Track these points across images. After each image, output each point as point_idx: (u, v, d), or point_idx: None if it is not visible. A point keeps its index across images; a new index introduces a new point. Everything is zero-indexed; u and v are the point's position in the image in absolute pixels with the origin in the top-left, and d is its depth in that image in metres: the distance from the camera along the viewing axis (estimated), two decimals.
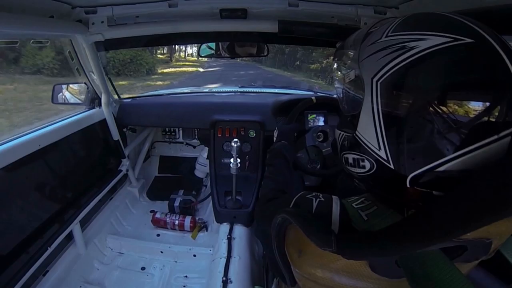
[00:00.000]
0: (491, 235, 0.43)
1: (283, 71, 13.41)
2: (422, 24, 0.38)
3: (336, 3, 1.14)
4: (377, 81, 0.38)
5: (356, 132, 0.42)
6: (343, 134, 0.48)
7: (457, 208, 0.31)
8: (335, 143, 0.53)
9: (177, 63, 15.45)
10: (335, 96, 0.60)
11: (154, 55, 13.58)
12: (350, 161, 0.46)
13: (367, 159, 0.41)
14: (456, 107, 0.33)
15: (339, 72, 0.49)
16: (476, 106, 0.33)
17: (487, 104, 0.33)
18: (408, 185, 0.38)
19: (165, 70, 12.68)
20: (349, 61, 0.44)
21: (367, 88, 0.39)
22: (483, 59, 0.34)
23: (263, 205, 0.71)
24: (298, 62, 13.80)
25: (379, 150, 0.39)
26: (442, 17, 0.39)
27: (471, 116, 0.33)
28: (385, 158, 0.38)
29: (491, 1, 0.67)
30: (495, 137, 0.32)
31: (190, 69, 13.57)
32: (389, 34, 0.39)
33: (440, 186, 0.36)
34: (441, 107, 0.33)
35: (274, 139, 1.01)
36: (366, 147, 0.41)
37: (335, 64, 0.51)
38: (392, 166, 0.38)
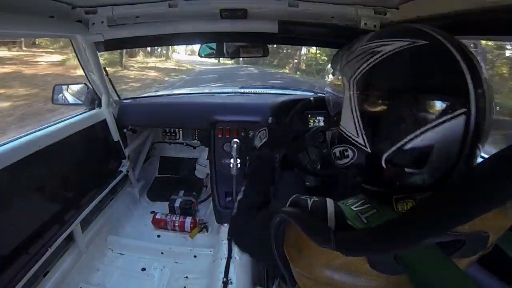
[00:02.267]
0: (488, 228, 0.44)
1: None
2: (390, 33, 0.46)
3: (336, 4, 1.14)
4: (353, 81, 0.46)
5: (340, 126, 0.50)
6: (331, 132, 0.55)
7: (450, 201, 0.34)
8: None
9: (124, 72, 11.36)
10: None
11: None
12: (338, 154, 0.52)
13: (349, 148, 0.48)
14: (414, 95, 0.40)
15: (331, 77, 0.57)
16: (430, 92, 0.40)
17: (440, 89, 0.40)
18: (383, 165, 0.44)
19: None
20: (337, 70, 0.55)
21: (346, 87, 0.47)
22: (434, 54, 0.42)
23: (245, 214, 0.70)
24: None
25: (357, 137, 0.46)
26: (407, 27, 0.47)
27: (426, 100, 0.40)
28: (363, 143, 0.45)
29: (491, 1, 0.67)
30: (450, 115, 0.39)
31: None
32: (364, 44, 0.48)
33: (410, 163, 0.42)
34: (401, 96, 0.41)
35: (259, 139, 0.96)
36: (347, 137, 0.48)
37: (329, 71, 0.58)
38: (369, 150, 0.45)
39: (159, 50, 16.90)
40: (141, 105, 1.86)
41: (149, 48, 15.65)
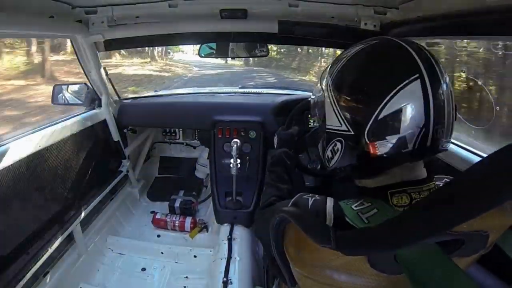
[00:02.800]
0: (488, 227, 0.45)
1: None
2: (358, 43, 0.55)
3: (336, 4, 1.14)
4: (328, 84, 0.55)
5: (327, 126, 0.56)
6: (321, 137, 0.60)
7: (449, 200, 0.34)
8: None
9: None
10: None
11: None
12: (330, 155, 0.56)
13: (337, 140, 0.53)
14: (373, 75, 0.49)
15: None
16: (385, 69, 0.49)
17: (396, 66, 0.48)
18: (367, 140, 0.48)
19: None
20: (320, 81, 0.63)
21: (325, 91, 0.56)
22: (387, 46, 0.52)
23: (263, 209, 0.73)
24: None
25: (341, 126, 0.52)
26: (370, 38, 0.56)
27: (384, 75, 0.48)
28: (346, 129, 0.51)
29: (491, 1, 0.67)
30: (405, 81, 0.45)
31: None
32: (340, 57, 0.56)
33: (388, 130, 0.47)
34: (364, 78, 0.50)
35: (275, 145, 1.02)
36: (333, 131, 0.53)
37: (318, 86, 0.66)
38: (352, 132, 0.50)
39: (147, 49, 13.83)
40: (141, 105, 1.86)
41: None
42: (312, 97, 0.71)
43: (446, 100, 0.47)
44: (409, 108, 0.45)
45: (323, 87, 0.58)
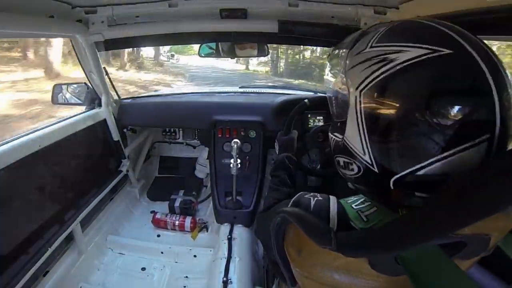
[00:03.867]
0: (490, 230, 0.44)
1: None
2: (404, 34, 0.40)
3: (336, 3, 1.14)
4: (360, 91, 0.40)
5: (344, 138, 0.45)
6: (334, 139, 0.50)
7: (451, 204, 0.33)
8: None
9: None
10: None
11: None
12: (341, 164, 0.49)
13: (355, 163, 0.44)
14: (434, 116, 0.35)
15: (331, 75, 0.53)
16: (453, 114, 0.35)
17: (465, 112, 0.35)
18: (391, 187, 0.40)
19: None
20: (338, 68, 0.48)
21: (352, 97, 0.42)
22: (461, 69, 0.35)
23: (264, 211, 0.73)
24: None
25: (364, 155, 0.42)
26: (424, 27, 0.40)
27: (448, 123, 0.35)
28: (370, 162, 0.41)
29: (491, 1, 0.67)
30: (472, 143, 0.35)
31: None
32: (373, 45, 0.41)
33: (421, 188, 0.38)
34: (418, 117, 0.36)
35: (276, 151, 1.02)
36: (353, 152, 0.44)
37: (328, 67, 0.55)
38: (376, 170, 0.41)
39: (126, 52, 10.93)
40: (141, 104, 1.86)
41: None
42: (329, 88, 0.55)
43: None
44: (460, 176, 0.35)
45: (349, 85, 0.43)
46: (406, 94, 0.37)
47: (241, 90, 2.13)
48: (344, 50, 0.48)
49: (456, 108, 0.35)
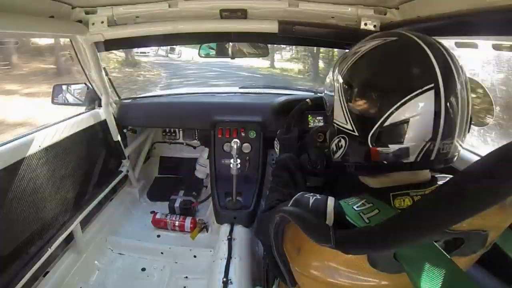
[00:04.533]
0: (487, 226, 0.45)
1: None
2: (369, 37, 0.53)
3: (336, 3, 1.14)
4: (338, 79, 0.54)
5: (334, 119, 0.55)
6: (328, 130, 0.60)
7: (448, 199, 0.34)
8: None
9: None
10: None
11: None
12: (334, 148, 0.56)
13: (342, 137, 0.53)
14: (385, 78, 0.47)
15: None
16: (399, 74, 0.46)
17: (409, 70, 0.46)
18: (370, 145, 0.48)
19: None
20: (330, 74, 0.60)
21: (335, 85, 0.55)
22: (403, 46, 0.49)
23: (265, 212, 0.72)
24: None
25: (346, 124, 0.51)
26: (384, 31, 0.56)
27: (396, 80, 0.46)
28: (351, 128, 0.51)
29: (491, 1, 0.67)
30: (420, 90, 0.43)
31: None
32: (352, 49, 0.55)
33: (392, 139, 0.46)
34: (375, 81, 0.48)
35: (276, 150, 1.01)
36: (340, 127, 0.53)
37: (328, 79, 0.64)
38: (356, 133, 0.50)
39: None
40: (141, 105, 1.86)
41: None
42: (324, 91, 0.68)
43: (460, 113, 0.45)
44: (417, 120, 0.44)
45: (333, 80, 0.56)
46: (365, 69, 0.50)
47: (241, 90, 2.13)
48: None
49: (401, 69, 0.46)
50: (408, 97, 0.43)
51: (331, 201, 0.49)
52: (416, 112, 0.44)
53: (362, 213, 0.46)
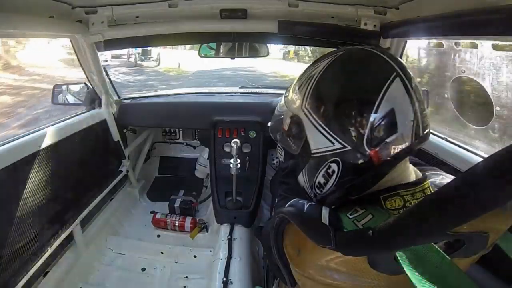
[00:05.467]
0: (488, 228, 0.45)
1: None
2: (319, 58, 0.54)
3: (336, 3, 1.14)
4: (304, 106, 0.51)
5: (312, 152, 0.51)
6: (302, 166, 0.55)
7: (448, 202, 0.34)
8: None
9: None
10: None
11: None
12: (322, 180, 0.52)
13: (330, 162, 0.49)
14: (354, 86, 0.48)
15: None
16: (368, 76, 0.48)
17: (374, 70, 0.48)
18: (368, 150, 0.47)
19: None
20: (284, 112, 0.58)
21: (302, 116, 0.51)
22: (356, 54, 0.52)
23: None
24: None
25: (334, 145, 0.48)
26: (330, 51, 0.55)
27: (366, 83, 0.48)
28: (341, 146, 0.48)
29: (491, 1, 0.67)
30: (388, 82, 0.46)
31: None
32: (300, 78, 0.55)
33: (387, 132, 0.46)
34: (346, 92, 0.48)
35: (280, 156, 1.01)
36: (325, 154, 0.50)
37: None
38: (349, 147, 0.47)
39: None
40: (141, 105, 1.86)
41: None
42: (271, 124, 0.69)
43: (418, 90, 0.50)
44: (399, 105, 0.46)
45: (295, 110, 0.53)
46: (331, 85, 0.50)
47: (241, 90, 2.13)
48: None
49: (364, 73, 0.49)
50: (383, 90, 0.46)
51: (326, 209, 0.49)
52: (394, 99, 0.46)
53: (356, 220, 0.45)
